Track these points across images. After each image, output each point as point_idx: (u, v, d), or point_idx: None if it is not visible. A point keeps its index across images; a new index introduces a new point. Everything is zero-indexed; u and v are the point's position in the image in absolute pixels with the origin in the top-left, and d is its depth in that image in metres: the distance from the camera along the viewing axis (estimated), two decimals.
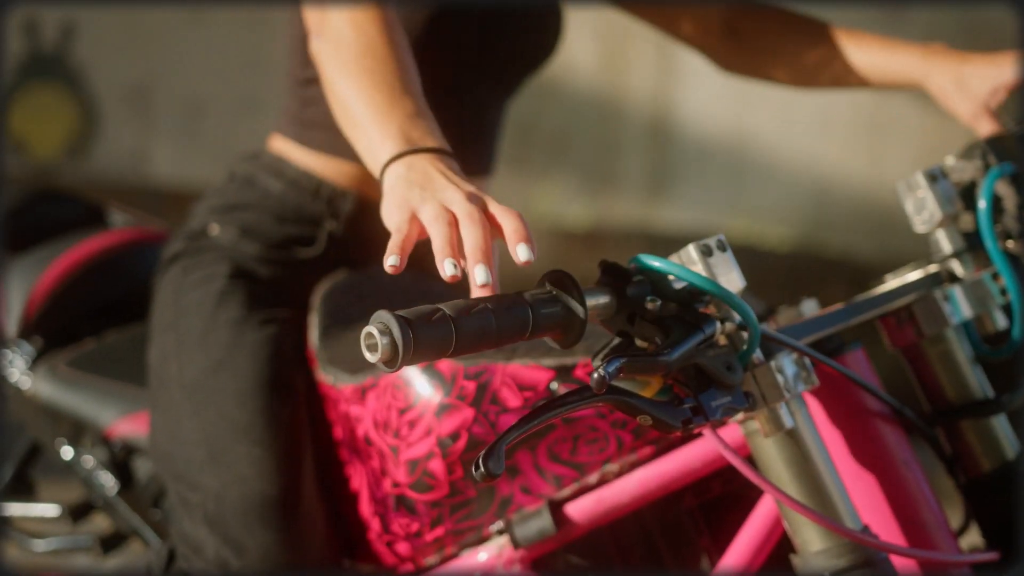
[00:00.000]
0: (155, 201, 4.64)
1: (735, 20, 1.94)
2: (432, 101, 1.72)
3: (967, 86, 1.72)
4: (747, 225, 4.54)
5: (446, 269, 1.16)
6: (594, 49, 4.39)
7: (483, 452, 1.08)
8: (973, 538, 1.49)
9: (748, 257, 4.49)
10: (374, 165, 1.33)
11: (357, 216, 1.80)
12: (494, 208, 1.21)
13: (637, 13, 1.97)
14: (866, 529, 1.28)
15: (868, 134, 4.46)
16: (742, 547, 1.46)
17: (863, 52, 1.83)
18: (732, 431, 1.43)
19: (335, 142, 1.74)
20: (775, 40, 1.91)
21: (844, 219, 4.48)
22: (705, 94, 4.53)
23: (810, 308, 1.46)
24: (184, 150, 4.81)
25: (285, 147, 1.84)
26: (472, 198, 1.21)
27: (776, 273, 4.43)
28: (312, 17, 1.52)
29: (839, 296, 1.49)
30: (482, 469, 1.08)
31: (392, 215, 1.23)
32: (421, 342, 1.07)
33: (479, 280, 1.14)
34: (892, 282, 1.48)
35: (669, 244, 1.26)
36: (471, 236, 1.17)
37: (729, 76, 2.00)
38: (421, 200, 1.21)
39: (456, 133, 1.81)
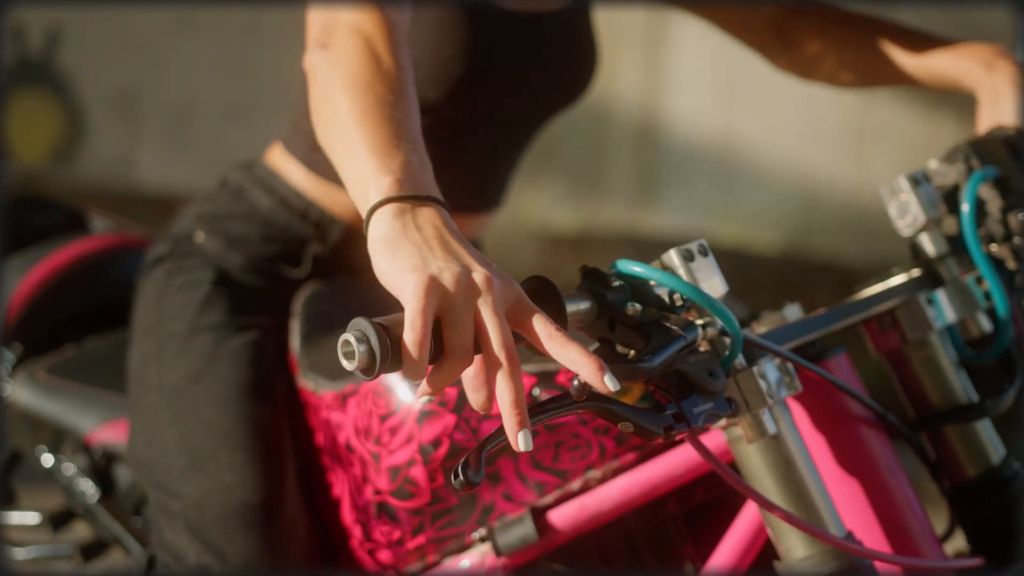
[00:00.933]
0: (141, 207, 4.63)
1: (784, 22, 1.90)
2: (463, 139, 1.70)
3: (1001, 115, 1.64)
4: (735, 229, 4.54)
5: (475, 401, 1.09)
6: None
7: (462, 460, 1.06)
8: (958, 543, 1.48)
9: (736, 261, 4.49)
10: (363, 197, 1.17)
11: (345, 244, 1.78)
12: (536, 321, 1.08)
13: (688, 10, 1.93)
14: (850, 536, 1.27)
15: (855, 138, 4.45)
16: (726, 553, 1.45)
17: (919, 53, 1.75)
18: (715, 437, 1.42)
19: None
20: (826, 40, 1.86)
21: (831, 223, 4.48)
22: (692, 99, 4.52)
23: (793, 313, 1.45)
24: (170, 156, 4.79)
25: (283, 162, 1.81)
26: (500, 300, 1.07)
27: (764, 277, 4.42)
28: (318, 26, 1.37)
29: (827, 300, 1.49)
30: (461, 478, 1.06)
31: (404, 279, 1.07)
32: (399, 350, 1.05)
33: (522, 447, 1.05)
34: (876, 286, 1.47)
35: (657, 248, 1.24)
36: (506, 388, 1.05)
37: (786, 76, 1.97)
38: (440, 272, 1.07)
39: (482, 169, 1.81)
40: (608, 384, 1.05)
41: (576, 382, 1.07)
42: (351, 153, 1.21)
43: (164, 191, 4.71)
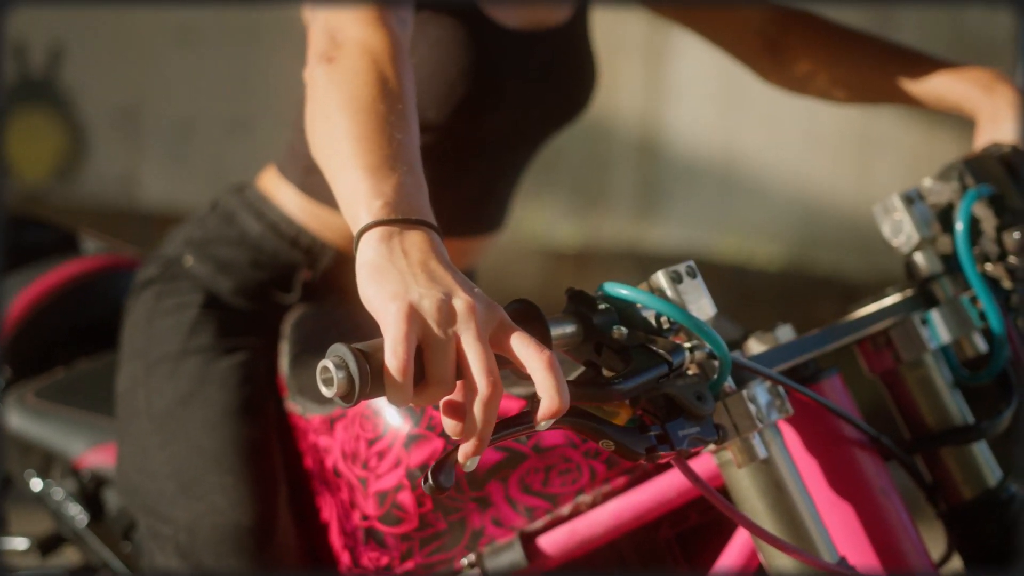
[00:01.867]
0: (144, 225, 4.62)
1: (776, 37, 1.87)
2: (463, 160, 1.70)
3: (998, 134, 1.63)
4: (736, 243, 4.53)
5: (447, 426, 1.07)
6: None
7: (433, 465, 1.05)
8: (955, 566, 1.46)
9: (737, 275, 4.46)
10: (354, 218, 1.17)
11: (335, 269, 1.76)
12: (518, 341, 1.07)
13: (677, 19, 1.91)
14: (843, 561, 1.26)
15: (857, 150, 4.44)
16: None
17: (915, 74, 1.73)
18: (706, 461, 1.40)
19: None
20: (819, 57, 1.84)
21: (834, 236, 4.47)
22: (693, 112, 4.51)
23: (785, 334, 1.42)
24: (173, 173, 4.79)
25: (275, 186, 1.79)
26: (483, 327, 1.06)
27: (766, 291, 4.41)
28: (323, 39, 1.35)
29: (829, 314, 1.47)
30: (431, 482, 1.05)
31: (386, 307, 1.06)
32: (379, 376, 1.04)
33: (467, 469, 1.06)
34: (869, 306, 1.45)
35: (659, 263, 1.23)
36: (480, 413, 1.04)
37: (774, 88, 1.94)
38: (420, 299, 1.06)
39: (483, 190, 1.79)
40: (540, 426, 1.05)
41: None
42: (345, 172, 1.20)
43: (167, 208, 4.71)
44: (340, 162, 1.22)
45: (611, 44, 4.37)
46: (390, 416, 1.50)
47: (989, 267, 1.47)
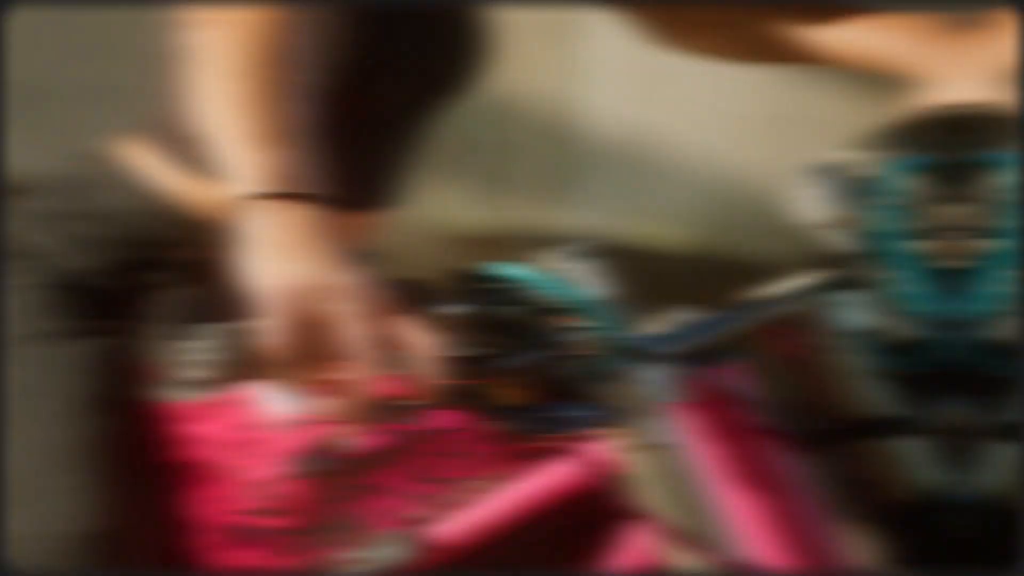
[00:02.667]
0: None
1: None
2: (351, 132, 1.62)
3: (931, 95, 1.56)
4: (650, 227, 4.54)
5: (323, 410, 1.08)
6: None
7: (309, 449, 1.09)
8: (879, 567, 1.42)
9: (650, 259, 4.45)
10: (237, 191, 1.15)
11: (210, 247, 1.68)
12: (401, 323, 1.08)
13: None
14: (745, 555, 1.24)
15: (773, 129, 4.47)
16: (618, 567, 1.40)
17: (834, 28, 1.64)
18: (601, 446, 1.36)
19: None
20: (711, 15, 1.73)
21: (750, 219, 4.49)
22: (604, 94, 4.52)
23: (686, 315, 1.38)
24: (24, 141, 4.70)
25: (143, 154, 1.68)
26: (362, 306, 1.07)
27: (680, 276, 4.42)
28: (207, 6, 1.30)
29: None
30: (307, 467, 1.10)
31: (262, 284, 1.07)
32: (253, 357, 1.04)
33: (344, 451, 1.10)
34: (783, 286, 1.41)
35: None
36: (356, 393, 1.06)
37: (681, 60, 1.85)
38: (298, 277, 1.07)
39: (371, 164, 1.71)
40: (413, 406, 1.08)
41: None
42: (228, 142, 1.18)
43: (21, 178, 4.62)
44: (222, 132, 1.19)
45: (521, 25, 4.35)
46: (269, 401, 1.44)
47: (914, 244, 1.42)
